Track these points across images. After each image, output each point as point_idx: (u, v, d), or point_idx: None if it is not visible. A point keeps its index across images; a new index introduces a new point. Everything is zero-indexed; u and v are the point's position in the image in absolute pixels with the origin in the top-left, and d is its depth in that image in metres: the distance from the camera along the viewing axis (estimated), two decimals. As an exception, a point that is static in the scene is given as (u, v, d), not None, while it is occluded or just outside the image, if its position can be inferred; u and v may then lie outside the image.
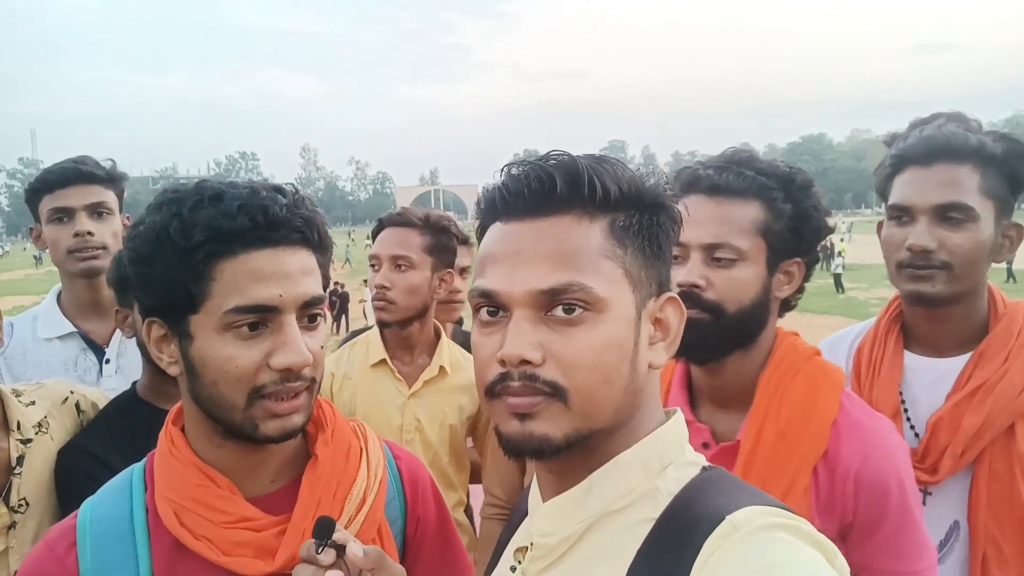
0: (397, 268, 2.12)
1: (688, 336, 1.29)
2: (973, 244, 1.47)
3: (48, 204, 2.07)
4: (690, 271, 1.29)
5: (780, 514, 0.73)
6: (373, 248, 2.21)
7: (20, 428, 1.57)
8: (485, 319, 0.80)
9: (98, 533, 1.00)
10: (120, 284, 1.67)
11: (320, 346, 1.01)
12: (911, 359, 1.62)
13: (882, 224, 1.62)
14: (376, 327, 2.27)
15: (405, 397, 2.16)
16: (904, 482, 1.25)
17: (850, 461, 1.25)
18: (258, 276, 0.94)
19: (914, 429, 1.56)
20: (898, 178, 1.55)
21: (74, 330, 2.11)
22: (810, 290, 1.47)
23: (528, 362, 0.75)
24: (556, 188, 0.77)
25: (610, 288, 0.76)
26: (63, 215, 2.07)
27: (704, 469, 0.82)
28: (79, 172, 2.07)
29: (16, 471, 1.54)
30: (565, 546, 0.80)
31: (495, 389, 0.77)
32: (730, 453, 1.31)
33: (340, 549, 0.92)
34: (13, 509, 1.53)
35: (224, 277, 0.94)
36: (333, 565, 0.91)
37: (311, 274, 1.00)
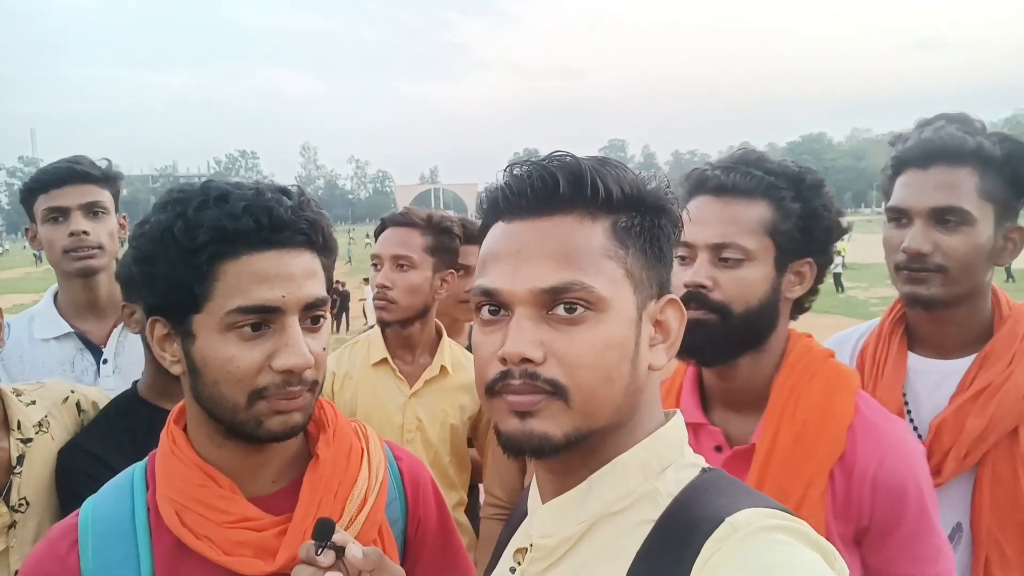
0: (398, 268, 2.12)
1: (695, 337, 1.28)
2: (969, 247, 1.47)
3: (43, 204, 2.06)
4: (696, 271, 1.29)
5: (779, 516, 0.73)
6: (375, 247, 2.21)
7: (20, 427, 1.57)
8: (486, 318, 0.80)
9: (100, 532, 1.00)
10: (127, 280, 1.67)
11: (323, 348, 1.02)
12: (915, 360, 1.61)
13: None
14: (377, 326, 2.27)
15: (406, 396, 2.16)
16: (921, 484, 1.24)
17: (867, 464, 1.23)
18: (261, 277, 0.94)
19: (917, 431, 1.56)
20: (898, 180, 1.56)
21: (71, 330, 2.10)
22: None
23: (529, 360, 0.75)
24: (559, 188, 0.77)
25: (611, 288, 0.77)
26: (58, 215, 2.05)
27: (703, 471, 0.83)
28: (74, 171, 2.06)
29: (16, 470, 1.54)
30: (564, 547, 0.81)
31: (496, 387, 0.77)
32: (745, 456, 1.30)
33: (340, 550, 0.92)
34: (13, 508, 1.53)
35: (227, 278, 0.94)
36: (332, 566, 0.91)
37: (314, 276, 1.00)
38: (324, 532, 0.92)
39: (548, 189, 0.78)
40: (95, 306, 2.14)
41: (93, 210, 2.07)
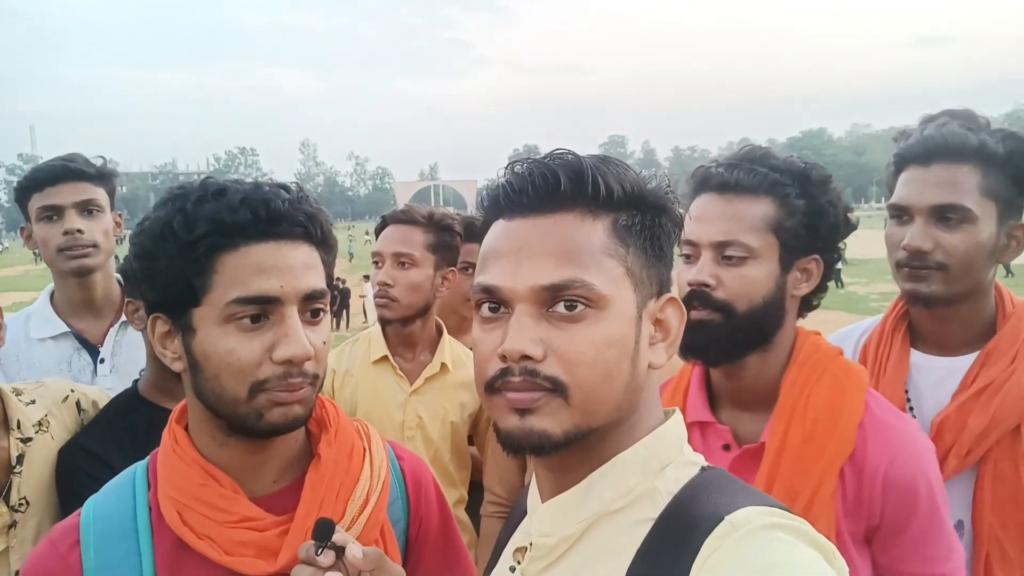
0: (400, 265, 2.12)
1: (699, 337, 1.27)
2: (969, 245, 1.46)
3: (37, 202, 2.04)
4: (700, 270, 1.28)
5: (779, 514, 0.73)
6: (376, 245, 2.21)
7: (20, 427, 1.57)
8: (486, 315, 0.80)
9: (101, 531, 1.00)
10: (130, 277, 1.66)
11: (323, 341, 1.01)
12: (917, 357, 1.61)
13: None
14: (378, 323, 2.27)
15: (407, 394, 2.16)
16: (932, 482, 1.23)
17: (878, 462, 1.22)
18: (259, 268, 0.95)
19: None
20: (900, 177, 1.55)
21: (67, 330, 2.09)
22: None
23: (529, 357, 0.75)
24: (560, 186, 0.77)
25: (612, 286, 0.77)
26: (52, 213, 2.03)
27: (703, 469, 0.82)
28: (68, 169, 2.04)
29: (16, 470, 1.54)
30: (564, 546, 0.81)
31: (495, 384, 0.77)
32: (754, 455, 1.29)
33: (340, 550, 0.92)
34: (13, 508, 1.53)
35: (226, 270, 0.94)
36: (332, 567, 0.91)
37: (313, 268, 1.00)
38: (324, 532, 0.92)
39: (549, 187, 0.78)
40: (91, 305, 2.13)
41: (88, 208, 2.06)
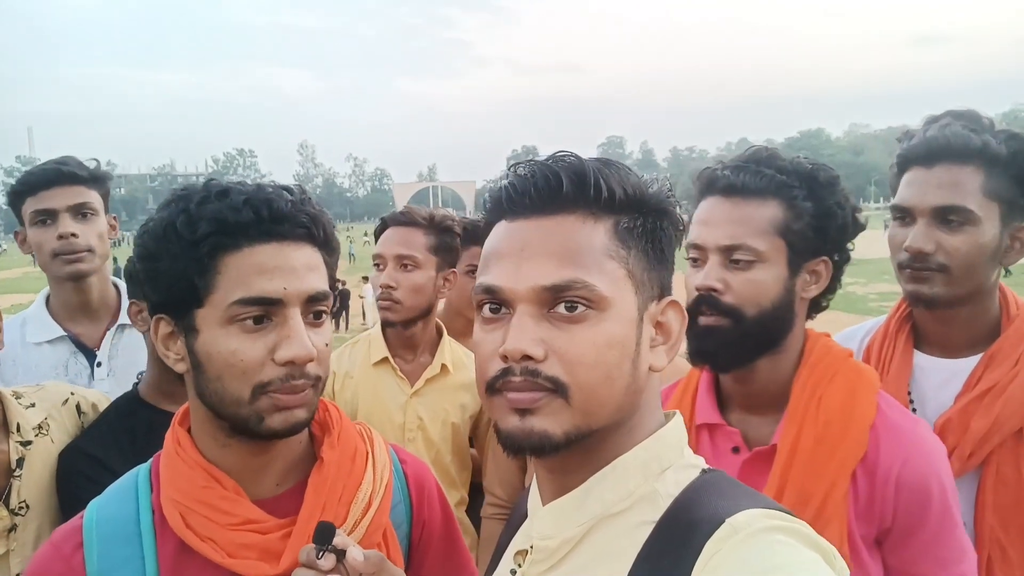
0: (403, 268, 2.12)
1: (708, 343, 1.28)
2: (971, 247, 1.45)
3: (31, 206, 2.02)
4: (707, 274, 1.27)
5: (779, 517, 0.73)
6: (377, 247, 2.20)
7: (20, 430, 1.56)
8: (488, 315, 0.80)
9: (104, 534, 1.00)
10: (134, 278, 1.66)
11: (325, 343, 1.01)
12: (921, 359, 1.60)
13: None
14: (378, 325, 2.27)
15: (407, 395, 2.16)
16: (944, 484, 1.23)
17: (890, 464, 1.22)
18: (262, 269, 0.95)
19: None
20: (903, 178, 1.55)
21: (64, 334, 2.08)
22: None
23: (530, 357, 0.75)
24: (562, 187, 0.78)
25: (613, 287, 0.77)
26: (46, 217, 2.01)
27: (703, 472, 0.83)
28: (61, 173, 2.02)
29: (16, 473, 1.53)
30: (565, 549, 0.81)
31: (496, 384, 0.78)
32: (765, 458, 1.28)
33: (340, 554, 0.92)
34: (13, 512, 1.52)
35: (229, 270, 0.94)
36: (333, 570, 0.91)
37: (316, 270, 1.00)
38: (325, 535, 0.92)
39: (551, 188, 0.78)
40: (87, 308, 2.12)
41: (82, 211, 2.04)
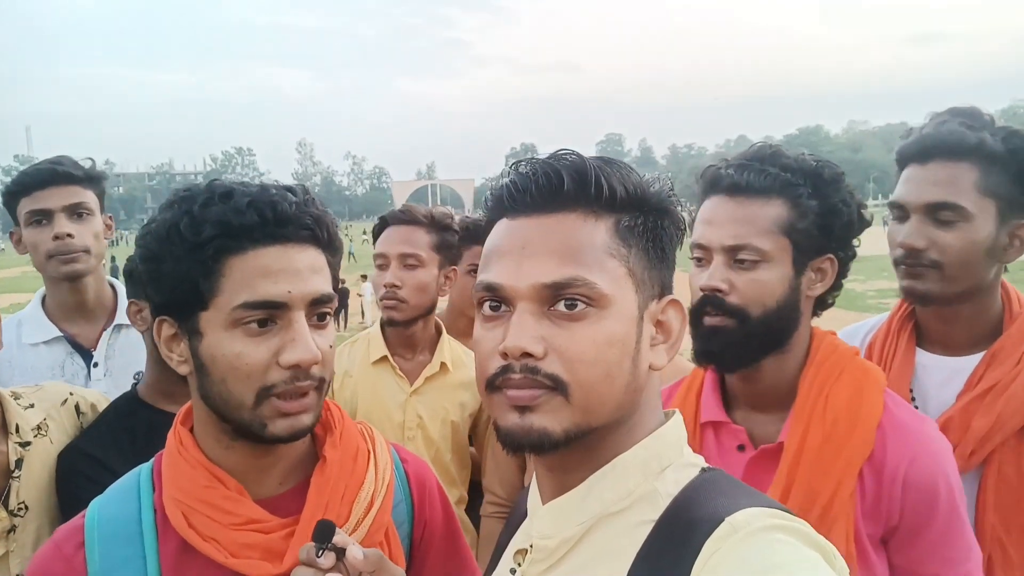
0: (407, 266, 2.11)
1: (713, 344, 1.28)
2: (965, 244, 1.45)
3: (26, 207, 2.01)
4: (712, 275, 1.26)
5: (779, 515, 0.73)
6: (379, 246, 2.19)
7: (19, 431, 1.56)
8: (488, 313, 0.81)
9: (106, 534, 1.00)
10: (135, 278, 1.65)
11: (329, 345, 1.01)
12: (923, 356, 1.60)
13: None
14: (377, 323, 2.27)
15: (407, 394, 2.16)
16: (952, 483, 1.22)
17: (897, 463, 1.21)
18: (267, 272, 0.94)
19: None
20: (902, 175, 1.55)
21: (60, 334, 2.08)
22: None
23: (530, 355, 0.75)
24: (563, 185, 0.78)
25: (614, 285, 0.77)
26: (41, 217, 2.00)
27: (703, 470, 0.83)
28: (56, 173, 2.01)
29: (15, 474, 1.53)
30: (565, 548, 0.81)
31: (496, 382, 0.78)
32: (771, 456, 1.28)
33: (340, 552, 0.92)
34: (13, 513, 1.52)
35: (233, 273, 0.94)
36: (333, 568, 0.91)
37: (320, 272, 1.00)
38: (324, 534, 0.92)
39: (553, 186, 0.78)
40: (84, 309, 2.11)
41: (77, 212, 2.03)
